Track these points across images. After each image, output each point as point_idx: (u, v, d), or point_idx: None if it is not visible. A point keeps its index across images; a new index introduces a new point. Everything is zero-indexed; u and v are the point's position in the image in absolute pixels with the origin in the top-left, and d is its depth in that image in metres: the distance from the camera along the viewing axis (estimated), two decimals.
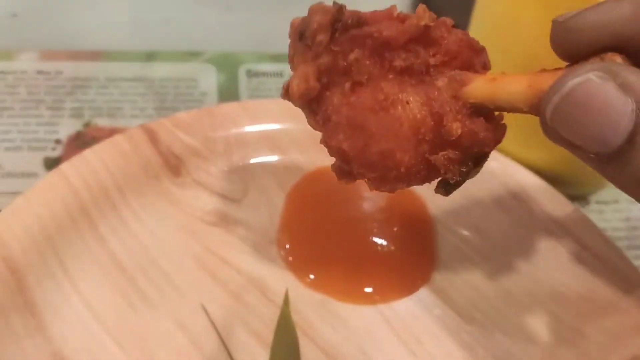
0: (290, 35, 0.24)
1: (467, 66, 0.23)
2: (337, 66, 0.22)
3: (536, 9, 0.33)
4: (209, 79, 0.44)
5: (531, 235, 0.34)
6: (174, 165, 0.34)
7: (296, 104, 0.24)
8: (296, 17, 0.24)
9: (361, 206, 0.35)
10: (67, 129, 0.39)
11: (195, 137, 0.35)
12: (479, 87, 0.22)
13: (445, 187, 0.24)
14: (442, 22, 0.23)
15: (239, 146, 0.35)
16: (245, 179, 0.35)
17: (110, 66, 0.44)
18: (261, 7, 0.51)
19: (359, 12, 0.22)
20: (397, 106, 0.22)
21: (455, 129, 0.21)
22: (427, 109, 0.22)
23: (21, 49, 0.44)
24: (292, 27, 0.24)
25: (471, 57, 0.23)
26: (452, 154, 0.22)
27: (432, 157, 0.22)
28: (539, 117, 0.20)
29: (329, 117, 0.22)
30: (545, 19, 0.31)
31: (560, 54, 0.22)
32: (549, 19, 0.31)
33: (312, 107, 0.23)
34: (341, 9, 0.22)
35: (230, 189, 0.34)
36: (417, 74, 0.22)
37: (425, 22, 0.22)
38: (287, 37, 0.24)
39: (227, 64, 0.45)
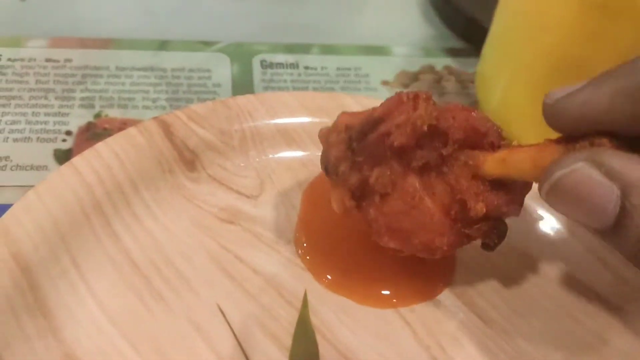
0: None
1: (477, 146, 0.25)
2: (365, 181, 0.25)
3: None
4: (222, 70, 0.43)
5: (554, 237, 0.33)
6: (188, 159, 0.33)
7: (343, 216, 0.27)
8: (323, 128, 0.27)
9: None
10: (77, 119, 0.38)
11: (210, 131, 0.34)
12: (492, 168, 0.24)
13: (487, 248, 0.27)
14: (446, 110, 0.25)
15: (255, 140, 0.34)
16: (261, 175, 0.34)
17: (121, 55, 0.43)
18: None
19: (371, 115, 0.25)
20: (425, 200, 0.25)
21: (479, 209, 0.24)
22: (450, 195, 0.25)
23: (30, 36, 0.43)
24: (319, 137, 0.28)
25: (479, 139, 0.25)
26: (484, 226, 0.25)
27: (468, 231, 0.25)
28: None
29: (370, 224, 0.26)
30: (575, 7, 0.30)
31: (554, 130, 0.23)
32: (578, 7, 0.30)
33: (357, 216, 0.27)
34: (349, 129, 0.25)
35: (246, 185, 0.33)
36: (435, 167, 0.25)
37: (427, 123, 0.24)
38: (303, 27, 0.26)
39: (241, 54, 0.44)
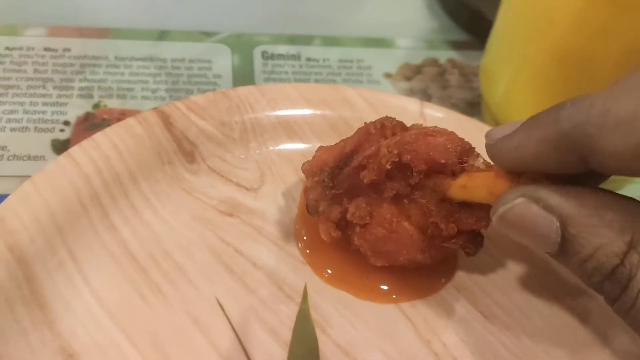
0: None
1: (440, 172, 0.27)
2: (346, 215, 0.28)
3: None
4: (223, 61, 0.42)
5: None
6: (188, 151, 0.32)
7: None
8: (305, 162, 0.29)
9: None
10: (75, 109, 0.38)
11: (210, 122, 0.33)
12: (455, 193, 0.26)
13: (469, 255, 0.28)
14: (407, 144, 0.27)
15: (256, 132, 0.34)
16: (261, 167, 0.33)
17: (120, 44, 0.42)
18: None
19: (342, 150, 0.28)
20: (403, 223, 0.28)
21: (451, 228, 0.26)
22: (424, 217, 0.27)
23: (27, 24, 0.43)
24: (302, 171, 0.30)
25: (440, 169, 0.27)
26: (460, 240, 0.27)
27: (446, 245, 0.27)
28: None
29: (357, 249, 0.29)
30: (581, 0, 0.30)
31: (497, 165, 0.25)
32: (585, 0, 0.29)
33: (346, 243, 0.29)
34: (323, 171, 0.28)
35: (246, 178, 0.33)
36: (406, 195, 0.27)
37: (390, 161, 0.26)
38: (304, 18, 0.27)
39: (241, 45, 0.43)
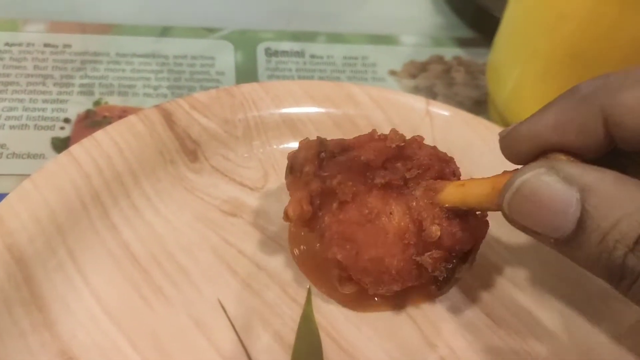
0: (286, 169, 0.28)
1: (439, 175, 0.26)
2: (326, 189, 0.26)
3: None
4: (226, 57, 0.42)
5: None
6: (190, 149, 0.32)
7: (295, 225, 0.27)
8: (291, 151, 0.28)
9: None
10: (76, 107, 0.37)
11: (213, 120, 0.33)
12: (450, 194, 0.25)
13: (436, 283, 0.27)
14: (413, 140, 0.26)
15: (260, 130, 0.33)
16: (265, 165, 0.33)
17: (121, 40, 0.42)
18: None
19: (343, 141, 0.27)
20: (382, 217, 0.26)
21: (434, 231, 0.25)
22: (408, 217, 0.25)
23: (27, 20, 0.42)
24: (288, 158, 0.28)
25: (442, 167, 0.26)
26: (436, 253, 0.25)
27: (419, 258, 0.25)
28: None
29: (322, 234, 0.26)
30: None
31: (511, 161, 0.24)
32: None
33: (311, 226, 0.27)
34: (323, 142, 0.27)
35: (249, 177, 0.32)
36: (397, 188, 0.26)
37: (396, 144, 0.26)
38: (309, 14, 0.27)
39: (245, 42, 0.43)
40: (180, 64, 0.41)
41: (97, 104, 0.37)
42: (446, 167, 0.26)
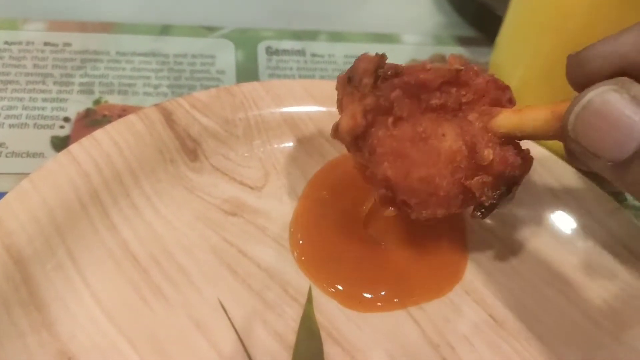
0: (337, 84, 0.27)
1: (495, 103, 0.26)
2: (381, 106, 0.25)
3: None
4: (226, 56, 0.41)
5: (568, 236, 0.32)
6: (191, 148, 0.32)
7: (344, 140, 0.26)
8: (342, 73, 0.27)
9: None
10: (76, 105, 0.37)
11: (213, 119, 0.32)
12: (506, 118, 0.25)
13: (480, 210, 0.26)
14: (471, 67, 0.26)
15: (260, 129, 0.33)
16: (266, 165, 0.33)
17: (121, 39, 0.41)
18: None
19: (397, 65, 0.26)
20: (435, 138, 0.25)
21: (487, 155, 0.24)
22: (461, 139, 0.25)
23: (27, 19, 0.42)
24: (338, 79, 0.27)
25: (498, 95, 0.26)
26: (485, 178, 0.25)
27: (467, 182, 0.25)
28: (562, 140, 0.23)
29: (374, 149, 0.25)
30: None
31: (575, 85, 0.24)
32: None
33: (359, 144, 0.26)
34: (383, 57, 0.26)
35: (250, 176, 0.32)
36: (451, 111, 0.25)
37: (456, 67, 0.25)
38: (309, 13, 0.27)
39: (245, 41, 0.43)
40: (180, 63, 0.40)
41: (97, 102, 0.37)
42: (503, 95, 0.26)
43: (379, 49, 0.44)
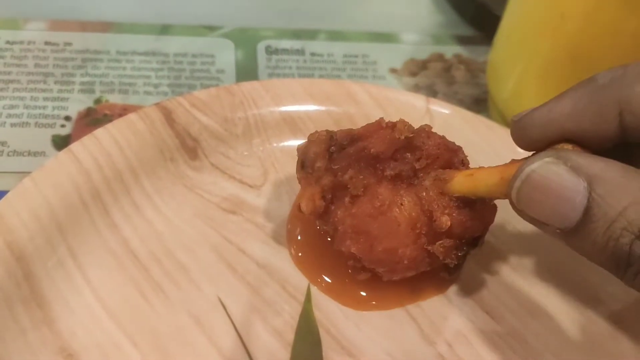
0: (296, 166, 0.28)
1: (448, 165, 0.26)
2: (337, 183, 0.26)
3: None
4: (226, 55, 0.42)
5: None
6: (190, 147, 0.32)
7: (309, 218, 0.27)
8: (300, 144, 0.28)
9: None
10: (77, 104, 0.37)
11: (213, 118, 0.33)
12: (459, 183, 0.25)
13: (447, 270, 0.28)
14: (421, 129, 0.27)
15: (259, 128, 0.34)
16: (265, 164, 0.33)
17: (122, 38, 0.42)
18: None
19: (351, 131, 0.27)
20: (393, 209, 0.26)
21: (444, 221, 0.25)
22: (419, 207, 0.26)
23: (28, 18, 0.42)
24: (297, 151, 0.28)
25: (450, 157, 0.26)
26: (447, 242, 0.26)
27: (430, 247, 0.26)
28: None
29: (336, 228, 0.26)
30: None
31: (521, 147, 0.25)
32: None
33: (323, 219, 0.27)
34: (332, 136, 0.27)
35: (249, 175, 0.32)
36: (407, 178, 0.26)
37: (405, 135, 0.26)
38: (309, 12, 0.27)
39: (245, 40, 0.43)
40: (180, 62, 0.41)
41: (97, 101, 0.37)
42: (454, 157, 0.27)
43: (378, 48, 0.44)
